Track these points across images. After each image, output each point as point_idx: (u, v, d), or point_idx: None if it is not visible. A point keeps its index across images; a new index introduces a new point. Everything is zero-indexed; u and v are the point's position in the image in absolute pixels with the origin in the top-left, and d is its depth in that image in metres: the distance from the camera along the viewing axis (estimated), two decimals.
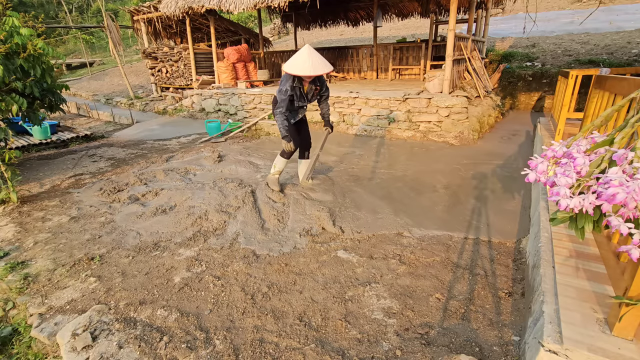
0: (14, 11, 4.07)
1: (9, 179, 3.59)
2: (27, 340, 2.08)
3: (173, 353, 1.79)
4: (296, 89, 3.25)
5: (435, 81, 6.08)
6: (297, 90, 3.26)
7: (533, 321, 1.71)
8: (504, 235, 2.83)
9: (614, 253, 1.67)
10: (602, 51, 8.92)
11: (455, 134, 5.58)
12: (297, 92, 3.27)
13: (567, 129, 4.16)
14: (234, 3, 7.11)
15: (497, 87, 8.79)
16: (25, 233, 3.17)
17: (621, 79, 2.23)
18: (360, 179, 4.14)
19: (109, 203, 3.73)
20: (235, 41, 12.93)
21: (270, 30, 20.34)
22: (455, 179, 4.04)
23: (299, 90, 3.27)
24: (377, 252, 2.65)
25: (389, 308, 2.06)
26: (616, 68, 5.30)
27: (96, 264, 2.64)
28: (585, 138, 1.04)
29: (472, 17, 7.29)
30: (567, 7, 14.79)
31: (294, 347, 1.80)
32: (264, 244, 2.83)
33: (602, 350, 1.34)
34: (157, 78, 10.98)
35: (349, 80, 10.18)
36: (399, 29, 16.07)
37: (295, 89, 3.24)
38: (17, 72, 3.90)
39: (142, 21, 10.74)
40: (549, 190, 1.00)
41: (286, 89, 3.18)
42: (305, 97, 3.35)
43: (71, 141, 6.58)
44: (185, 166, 4.82)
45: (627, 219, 0.89)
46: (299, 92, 3.28)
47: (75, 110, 10.98)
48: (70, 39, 24.51)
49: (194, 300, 2.20)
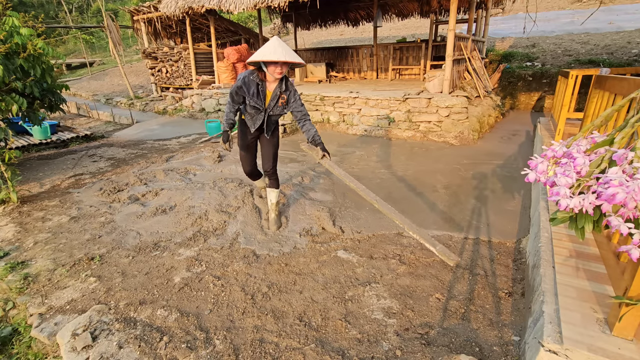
0: (14, 11, 4.07)
1: (9, 179, 3.59)
2: (27, 340, 2.08)
3: (173, 353, 1.79)
4: (252, 83, 2.57)
5: (435, 81, 6.08)
6: (253, 85, 2.58)
7: (533, 321, 1.71)
8: (504, 235, 2.83)
9: (614, 253, 1.67)
10: (602, 51, 8.92)
11: (455, 134, 5.58)
12: (254, 88, 2.59)
13: (567, 129, 4.16)
14: (234, 3, 7.11)
15: (497, 87, 8.79)
16: (25, 233, 3.17)
17: (621, 79, 2.23)
18: (360, 179, 4.14)
19: (109, 203, 3.73)
20: (235, 41, 12.94)
21: (270, 30, 20.33)
22: (455, 179, 4.04)
23: (256, 86, 2.58)
24: (377, 252, 2.65)
25: (389, 308, 2.06)
26: (616, 68, 5.30)
27: (96, 264, 2.64)
28: (585, 138, 1.04)
29: (472, 17, 7.29)
30: (567, 7, 14.80)
31: (294, 347, 1.80)
32: (264, 244, 2.83)
33: (602, 350, 1.34)
34: (157, 78, 10.98)
35: (349, 80, 10.18)
36: (399, 29, 16.07)
37: (251, 83, 2.57)
38: (17, 72, 3.90)
39: (142, 21, 10.74)
40: (549, 190, 1.00)
41: (239, 85, 2.59)
42: (262, 99, 2.64)
43: (71, 141, 6.58)
44: (185, 166, 4.82)
45: (627, 219, 0.89)
46: (256, 88, 2.59)
47: (75, 110, 10.98)
48: (70, 39, 24.51)
49: (194, 300, 2.20)
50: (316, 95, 6.86)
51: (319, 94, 6.83)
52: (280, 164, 4.79)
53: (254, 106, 2.67)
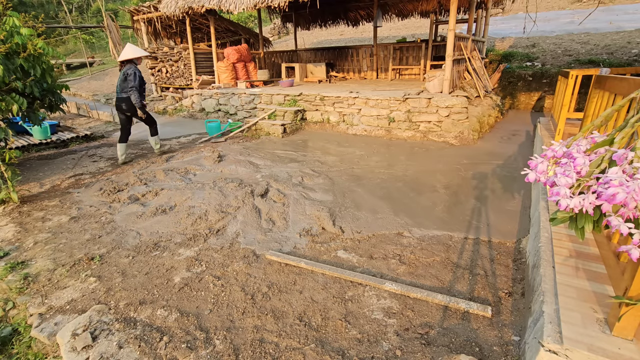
0: (14, 11, 4.07)
1: (9, 179, 3.59)
2: (27, 340, 2.08)
3: (173, 353, 1.79)
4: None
5: (435, 81, 6.08)
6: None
7: (533, 321, 1.71)
8: (504, 235, 2.83)
9: (614, 253, 1.67)
10: (602, 51, 8.92)
11: (455, 134, 5.58)
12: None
13: (567, 129, 4.16)
14: (234, 3, 7.11)
15: (497, 87, 8.80)
16: (25, 233, 3.17)
17: (621, 79, 2.23)
18: (360, 179, 4.14)
19: (109, 203, 3.73)
20: (235, 41, 12.93)
21: (270, 30, 20.34)
22: (455, 179, 4.04)
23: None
24: (377, 252, 2.65)
25: (389, 308, 2.06)
26: (616, 68, 5.30)
27: (96, 264, 2.64)
28: (585, 138, 1.04)
29: (472, 17, 7.29)
30: (567, 7, 14.79)
31: (294, 347, 1.80)
32: (264, 244, 2.83)
33: (602, 350, 1.34)
34: (157, 78, 10.98)
35: (349, 80, 10.18)
36: (399, 29, 16.06)
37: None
38: (17, 72, 3.90)
39: (142, 21, 10.74)
40: (549, 190, 1.00)
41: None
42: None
43: (71, 141, 6.58)
44: (185, 166, 4.82)
45: (627, 219, 0.89)
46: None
47: (75, 110, 10.98)
48: (70, 39, 24.51)
49: (194, 300, 2.20)
50: (316, 95, 6.86)
51: (319, 94, 6.83)
52: (280, 163, 4.79)
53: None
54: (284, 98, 7.23)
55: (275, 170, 4.49)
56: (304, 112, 7.06)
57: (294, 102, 7.13)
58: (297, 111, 6.89)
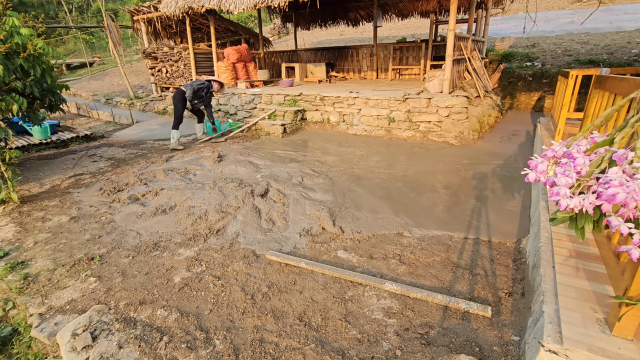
0: (14, 11, 4.07)
1: (9, 179, 3.59)
2: (27, 340, 2.08)
3: (173, 353, 1.79)
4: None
5: (435, 81, 6.08)
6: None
7: (533, 321, 1.71)
8: (504, 235, 2.83)
9: (614, 253, 1.67)
10: (602, 51, 8.92)
11: (455, 134, 5.58)
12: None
13: (567, 129, 4.16)
14: (234, 3, 7.10)
15: (497, 87, 8.79)
16: (25, 233, 3.17)
17: (621, 79, 2.23)
18: (360, 179, 4.14)
19: (109, 203, 3.73)
20: (235, 41, 12.92)
21: (270, 30, 20.33)
22: (455, 179, 4.04)
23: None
24: (377, 252, 2.65)
25: (389, 308, 2.06)
26: (616, 68, 5.30)
27: (96, 264, 2.64)
28: (585, 138, 1.04)
29: (472, 17, 7.29)
30: (567, 7, 14.79)
31: (294, 347, 1.80)
32: (264, 244, 2.83)
33: (602, 350, 1.34)
34: (157, 78, 10.98)
35: (349, 80, 10.18)
36: (399, 29, 16.06)
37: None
38: (17, 72, 3.90)
39: (142, 21, 10.74)
40: (549, 190, 1.00)
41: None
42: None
43: (71, 141, 6.58)
44: (185, 166, 4.82)
45: (627, 219, 0.89)
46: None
47: (75, 110, 10.98)
48: (70, 39, 24.51)
49: (194, 300, 2.20)
50: (316, 95, 6.86)
51: (319, 94, 6.83)
52: (280, 163, 4.79)
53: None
54: (284, 98, 7.23)
55: (275, 170, 4.49)
56: (304, 112, 7.06)
57: (294, 102, 7.13)
58: (297, 111, 6.89)
